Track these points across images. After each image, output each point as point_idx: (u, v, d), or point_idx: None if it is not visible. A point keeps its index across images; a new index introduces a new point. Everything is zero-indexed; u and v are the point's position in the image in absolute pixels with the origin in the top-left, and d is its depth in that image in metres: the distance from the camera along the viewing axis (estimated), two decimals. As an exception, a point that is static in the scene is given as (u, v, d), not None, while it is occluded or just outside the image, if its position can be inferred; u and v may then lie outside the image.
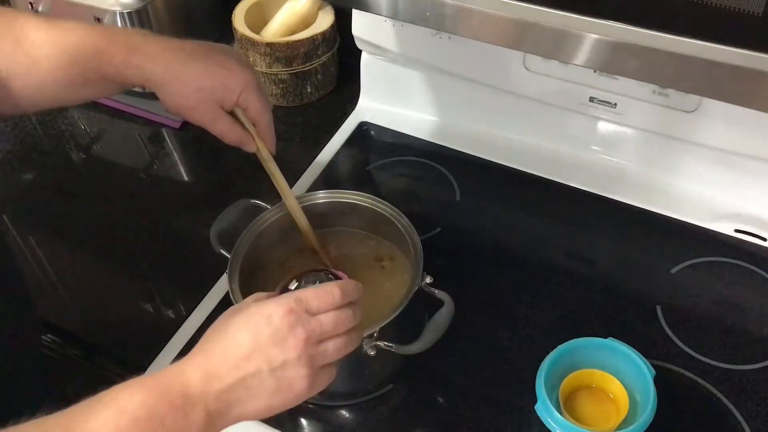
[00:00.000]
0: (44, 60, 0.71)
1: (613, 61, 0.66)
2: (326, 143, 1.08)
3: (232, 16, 1.13)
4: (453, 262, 0.92)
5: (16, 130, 1.14)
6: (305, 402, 0.80)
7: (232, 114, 0.76)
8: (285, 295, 0.61)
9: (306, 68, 1.12)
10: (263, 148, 0.78)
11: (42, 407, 0.60)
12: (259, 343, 0.58)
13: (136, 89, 1.14)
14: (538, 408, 0.73)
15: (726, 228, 0.94)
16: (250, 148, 0.78)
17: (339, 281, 0.65)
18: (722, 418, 0.77)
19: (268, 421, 0.79)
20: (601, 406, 0.76)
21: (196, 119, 0.74)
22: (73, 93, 0.75)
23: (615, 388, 0.75)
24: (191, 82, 0.72)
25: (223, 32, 1.23)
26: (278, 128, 1.12)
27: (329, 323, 0.61)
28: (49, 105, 0.81)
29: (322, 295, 0.61)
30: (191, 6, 1.18)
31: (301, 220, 0.83)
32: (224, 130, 0.75)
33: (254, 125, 0.77)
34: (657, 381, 0.73)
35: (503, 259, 0.93)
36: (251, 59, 1.12)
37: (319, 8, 1.13)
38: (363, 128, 1.11)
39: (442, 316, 0.74)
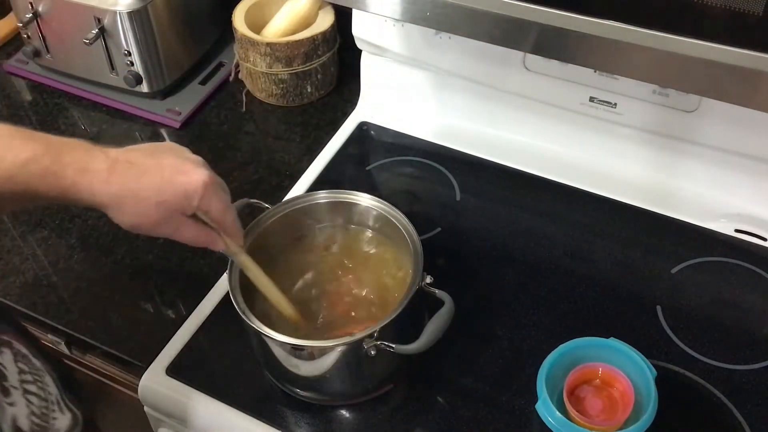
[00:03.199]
0: None
1: (613, 61, 0.67)
2: (326, 143, 1.08)
3: (232, 16, 1.13)
4: (453, 262, 0.92)
5: (16, 130, 1.14)
6: (305, 401, 0.80)
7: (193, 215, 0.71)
8: None
9: (306, 68, 1.12)
10: (231, 244, 0.75)
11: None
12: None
13: (137, 89, 1.14)
14: (539, 407, 0.73)
15: (726, 228, 0.94)
16: (218, 247, 0.74)
17: None
18: (722, 418, 0.77)
19: (269, 419, 0.79)
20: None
21: (159, 233, 0.70)
22: None
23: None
24: (149, 198, 0.66)
25: (223, 32, 1.24)
26: (278, 128, 1.14)
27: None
28: None
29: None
30: (191, 6, 1.18)
31: (286, 308, 0.79)
32: (190, 236, 0.71)
33: (219, 226, 0.73)
34: (657, 381, 0.73)
35: (503, 259, 0.93)
36: (251, 59, 1.12)
37: (319, 8, 1.13)
38: (363, 128, 1.11)
39: (442, 316, 0.74)
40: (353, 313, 0.82)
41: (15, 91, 1.23)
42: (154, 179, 0.66)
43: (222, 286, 0.90)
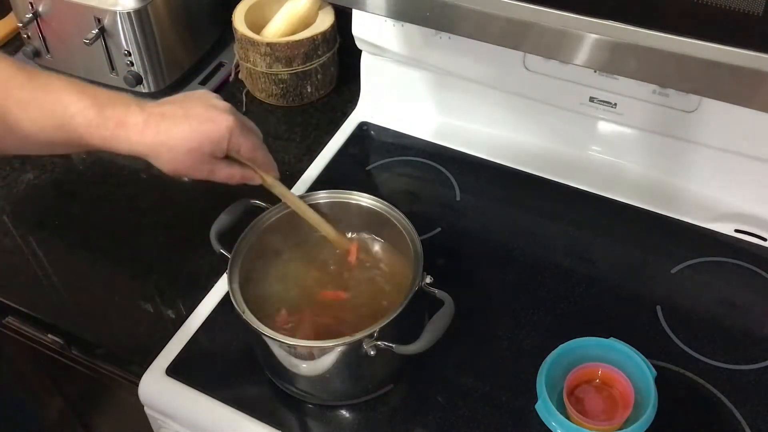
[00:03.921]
0: (28, 122, 0.72)
1: (613, 61, 0.67)
2: (326, 143, 1.08)
3: (232, 16, 1.13)
4: (453, 262, 0.92)
5: (16, 130, 1.14)
6: (306, 401, 0.80)
7: (227, 156, 0.77)
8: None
9: (306, 68, 1.12)
10: (267, 177, 0.80)
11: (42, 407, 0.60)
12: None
13: (137, 89, 1.14)
14: (539, 407, 0.73)
15: (726, 228, 0.94)
16: (255, 182, 0.80)
17: None
18: (722, 418, 0.77)
19: (269, 419, 0.79)
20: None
21: (196, 176, 0.76)
22: (51, 150, 0.84)
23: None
24: (180, 147, 0.73)
25: (223, 32, 1.24)
26: (278, 128, 1.14)
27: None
28: (19, 153, 0.97)
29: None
30: (191, 6, 1.18)
31: (329, 231, 0.84)
32: (225, 175, 0.77)
33: (252, 163, 0.79)
34: (657, 381, 0.73)
35: (503, 259, 0.93)
36: (251, 59, 1.12)
37: (319, 8, 1.13)
38: (363, 128, 1.11)
39: (442, 316, 0.74)
40: (353, 313, 0.82)
41: (15, 91, 1.23)
42: (182, 129, 0.73)
43: (222, 286, 0.90)
